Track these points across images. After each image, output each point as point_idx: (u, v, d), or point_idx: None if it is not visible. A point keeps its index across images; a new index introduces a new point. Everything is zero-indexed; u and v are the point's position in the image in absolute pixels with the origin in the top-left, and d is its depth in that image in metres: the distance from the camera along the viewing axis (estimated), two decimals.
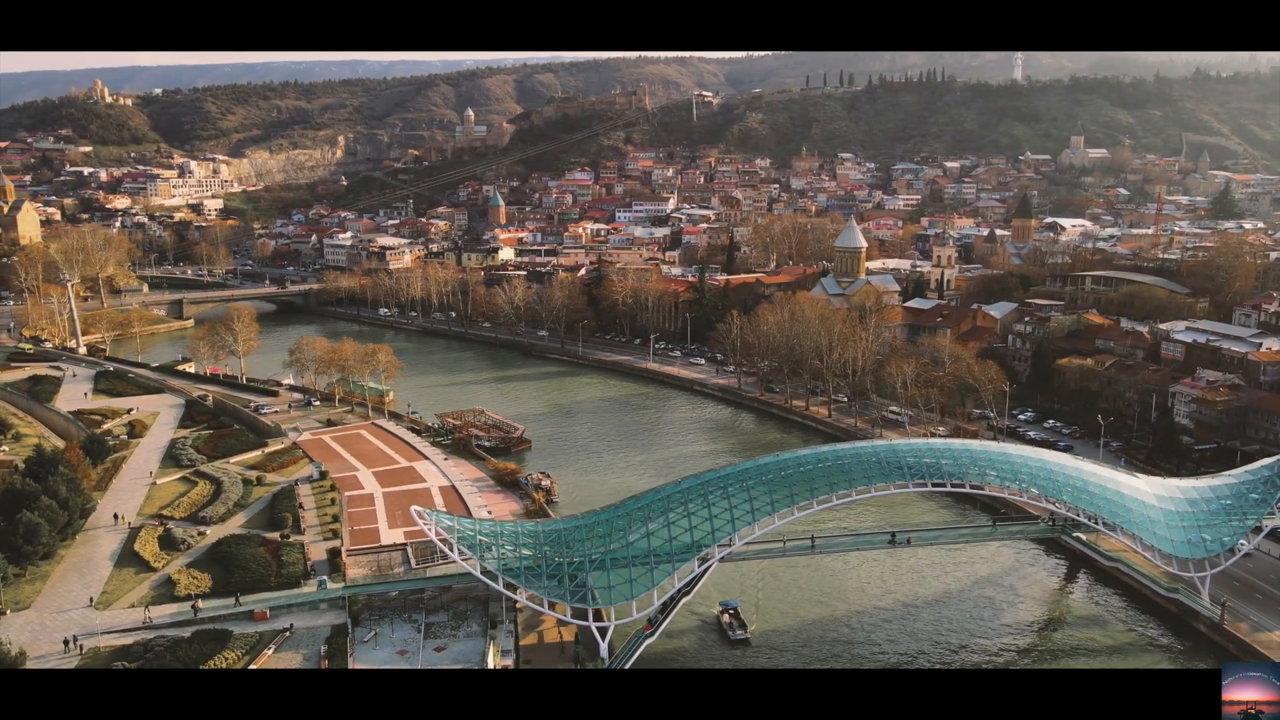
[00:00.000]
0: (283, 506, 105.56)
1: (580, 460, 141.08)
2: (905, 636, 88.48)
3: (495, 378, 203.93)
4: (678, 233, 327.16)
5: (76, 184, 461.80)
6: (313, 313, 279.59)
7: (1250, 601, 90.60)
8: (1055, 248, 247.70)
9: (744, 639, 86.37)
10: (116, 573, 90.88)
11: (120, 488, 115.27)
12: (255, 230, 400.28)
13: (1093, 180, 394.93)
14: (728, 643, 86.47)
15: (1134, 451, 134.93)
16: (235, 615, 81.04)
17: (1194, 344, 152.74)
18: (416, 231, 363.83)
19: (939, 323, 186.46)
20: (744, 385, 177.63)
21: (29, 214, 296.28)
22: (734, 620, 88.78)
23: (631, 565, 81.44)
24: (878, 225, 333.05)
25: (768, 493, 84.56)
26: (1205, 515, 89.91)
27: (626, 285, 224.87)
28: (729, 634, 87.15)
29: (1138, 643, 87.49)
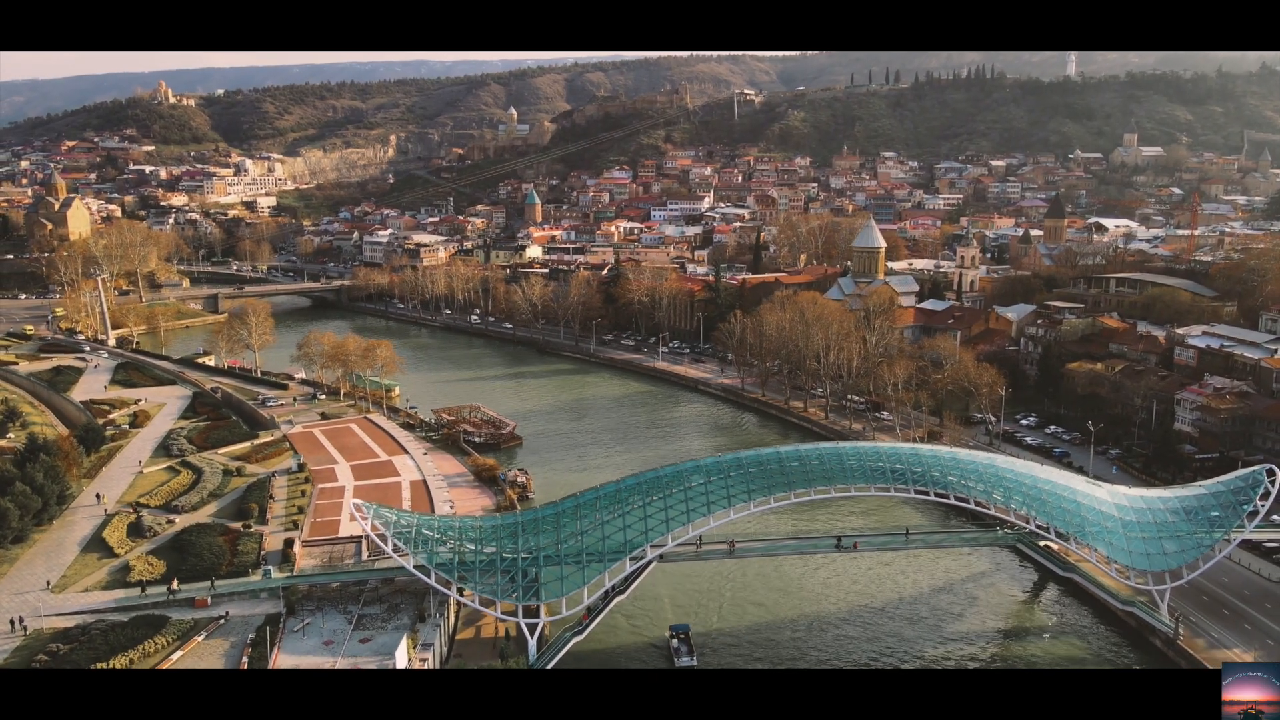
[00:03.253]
0: (253, 497, 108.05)
1: (566, 457, 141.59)
2: (858, 643, 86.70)
3: (506, 374, 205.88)
4: (709, 232, 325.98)
5: (138, 182, 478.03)
6: (344, 309, 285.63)
7: (1216, 616, 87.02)
8: (1087, 249, 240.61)
9: (690, 664, 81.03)
10: (81, 558, 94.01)
11: (109, 475, 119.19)
12: (305, 227, 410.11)
13: (1145, 179, 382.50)
14: (673, 669, 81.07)
15: (1132, 459, 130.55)
16: (177, 602, 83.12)
17: (1207, 349, 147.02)
18: (454, 229, 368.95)
19: (950, 325, 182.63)
20: (746, 385, 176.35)
21: (79, 210, 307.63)
22: (682, 645, 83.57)
23: (563, 563, 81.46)
24: (914, 225, 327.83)
25: (704, 493, 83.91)
26: (1169, 527, 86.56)
27: (643, 284, 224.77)
28: (675, 660, 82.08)
29: (1088, 657, 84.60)
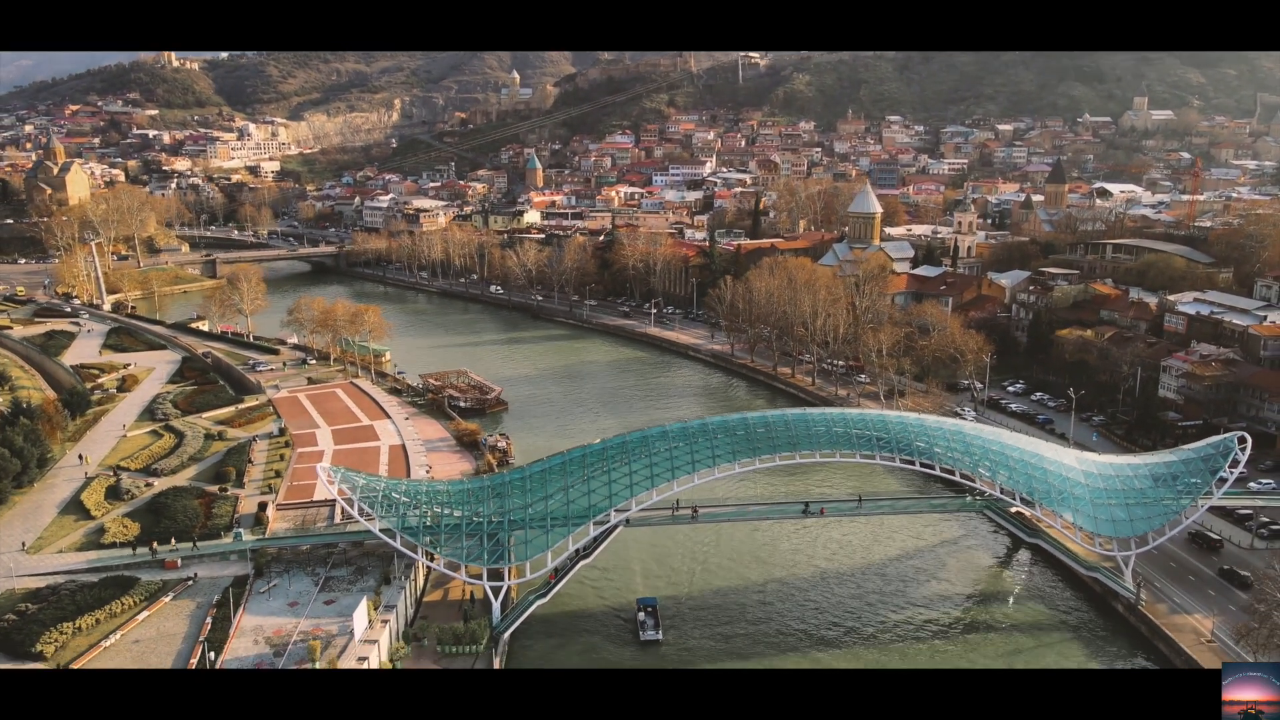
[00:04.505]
0: (232, 461, 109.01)
1: (551, 423, 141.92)
2: (821, 610, 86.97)
3: (499, 340, 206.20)
4: (710, 197, 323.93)
5: (141, 146, 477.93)
6: (343, 274, 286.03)
7: (1181, 583, 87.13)
8: (1087, 214, 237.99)
9: (655, 639, 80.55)
10: (58, 520, 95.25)
11: (94, 439, 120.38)
12: (308, 192, 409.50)
13: (1154, 144, 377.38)
14: (637, 643, 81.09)
15: (1115, 426, 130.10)
16: (147, 563, 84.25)
17: (1196, 316, 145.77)
18: (455, 194, 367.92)
19: (942, 291, 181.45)
20: (736, 351, 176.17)
21: (77, 175, 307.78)
22: (648, 618, 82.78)
23: (528, 527, 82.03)
24: (918, 190, 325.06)
25: (668, 459, 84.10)
26: (1137, 493, 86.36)
27: (637, 249, 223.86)
28: (640, 633, 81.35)
29: (1051, 621, 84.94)
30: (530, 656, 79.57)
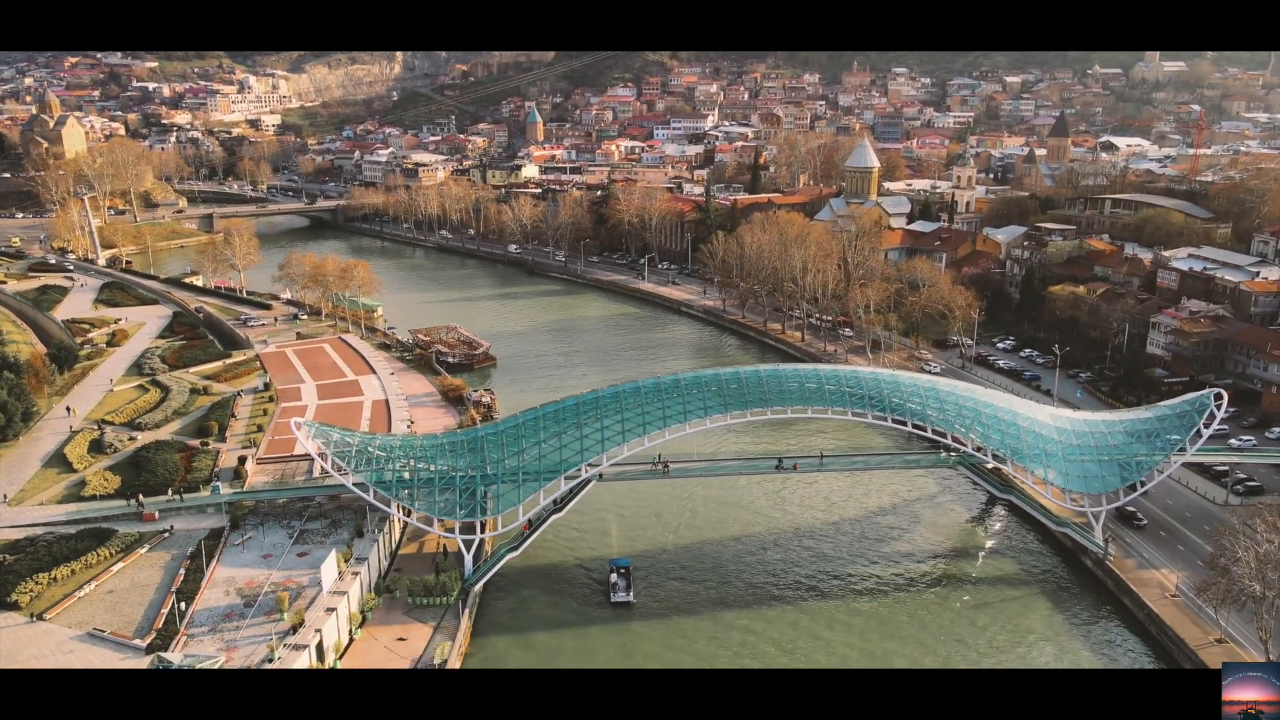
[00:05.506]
0: (215, 415, 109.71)
1: (538, 378, 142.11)
2: (794, 566, 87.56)
3: (493, 295, 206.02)
4: (711, 151, 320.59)
5: (141, 99, 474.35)
6: (341, 229, 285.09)
7: (1153, 538, 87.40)
8: (1088, 169, 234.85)
9: (626, 601, 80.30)
10: (41, 472, 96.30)
11: (81, 393, 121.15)
12: (309, 145, 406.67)
13: (1165, 96, 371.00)
14: (609, 605, 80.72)
15: (1101, 383, 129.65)
16: (125, 515, 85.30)
17: (1189, 273, 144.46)
18: (455, 148, 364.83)
19: (937, 247, 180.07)
20: (727, 307, 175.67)
21: (73, 128, 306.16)
22: (620, 580, 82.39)
23: (500, 481, 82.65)
24: (921, 144, 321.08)
25: (640, 414, 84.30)
26: (1110, 450, 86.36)
27: (633, 204, 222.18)
28: (611, 595, 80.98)
29: (1020, 575, 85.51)
30: (499, 611, 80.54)
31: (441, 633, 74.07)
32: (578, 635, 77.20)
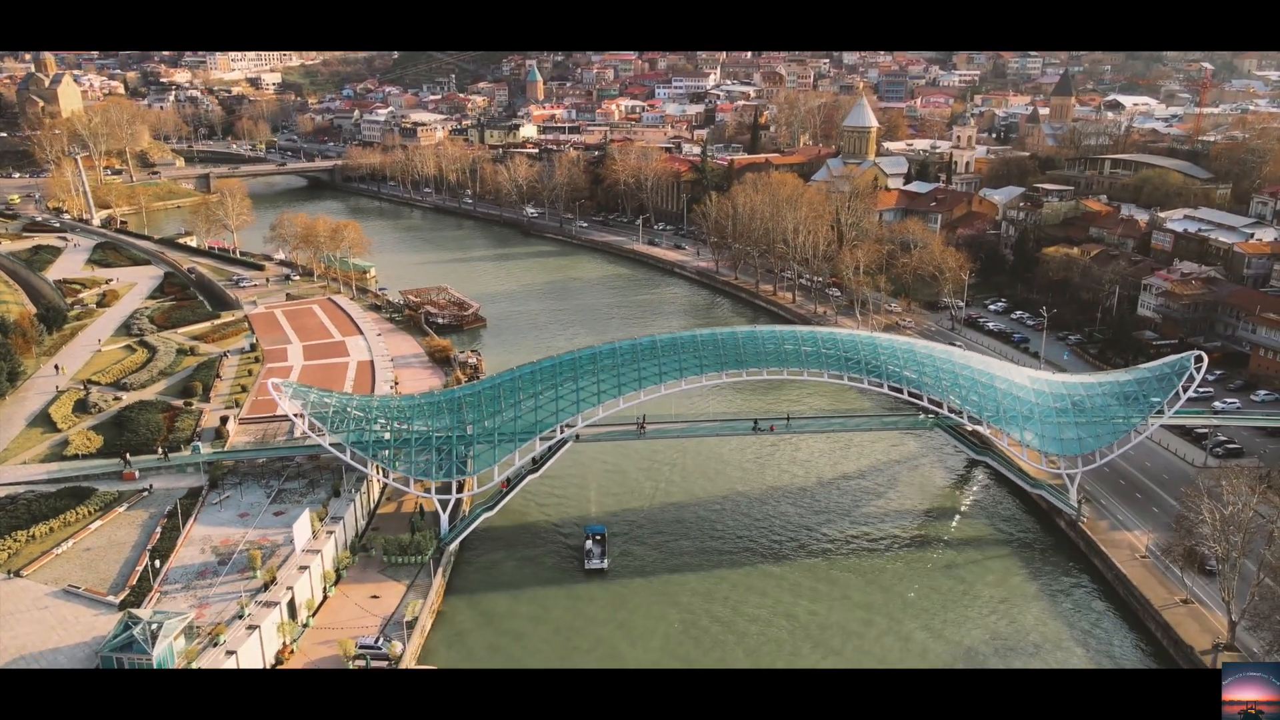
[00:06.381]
0: (200, 376, 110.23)
1: (527, 340, 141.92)
2: (769, 529, 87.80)
3: (488, 256, 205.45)
4: (711, 111, 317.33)
5: (141, 58, 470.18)
6: (339, 189, 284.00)
7: (1128, 500, 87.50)
8: (1091, 128, 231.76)
9: (600, 568, 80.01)
10: (25, 431, 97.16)
11: (69, 353, 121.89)
12: (309, 104, 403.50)
13: (1177, 54, 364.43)
14: (582, 571, 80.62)
15: (1089, 345, 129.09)
16: (105, 474, 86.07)
17: (1184, 234, 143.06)
18: (454, 107, 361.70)
19: (932, 208, 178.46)
20: (720, 269, 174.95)
21: (69, 87, 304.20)
22: (595, 546, 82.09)
23: (476, 442, 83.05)
24: (925, 104, 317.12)
25: (615, 376, 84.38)
26: (1087, 412, 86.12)
27: (629, 165, 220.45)
28: (586, 562, 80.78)
29: (994, 537, 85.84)
30: (474, 571, 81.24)
31: (414, 591, 74.90)
32: (550, 596, 77.78)
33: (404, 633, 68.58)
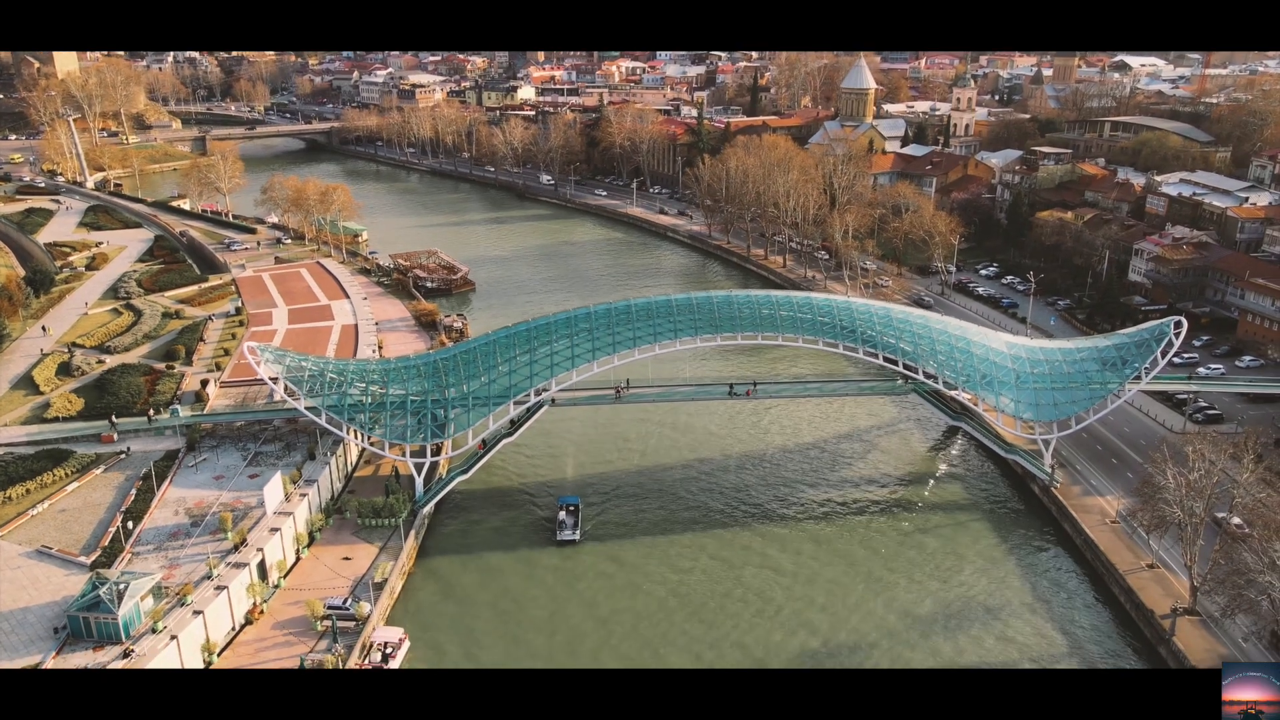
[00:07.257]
0: (184, 339, 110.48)
1: (514, 303, 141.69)
2: (744, 496, 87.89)
3: (482, 220, 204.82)
4: (713, 72, 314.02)
5: None
6: (336, 152, 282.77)
7: (1104, 466, 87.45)
8: (1094, 89, 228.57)
9: (572, 539, 79.56)
10: (8, 394, 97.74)
11: (57, 316, 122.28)
12: (309, 65, 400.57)
13: None
14: (554, 544, 79.88)
15: (1078, 310, 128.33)
16: (83, 437, 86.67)
17: (1178, 198, 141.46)
18: (455, 69, 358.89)
19: (928, 171, 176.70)
20: (713, 233, 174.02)
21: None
22: (569, 518, 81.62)
23: (450, 406, 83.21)
24: (929, 65, 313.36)
25: (590, 340, 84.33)
26: (1064, 378, 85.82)
27: (624, 127, 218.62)
28: (558, 533, 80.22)
29: (967, 501, 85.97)
30: (447, 534, 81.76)
31: (386, 553, 75.54)
32: (521, 559, 78.21)
33: (372, 594, 69.30)
